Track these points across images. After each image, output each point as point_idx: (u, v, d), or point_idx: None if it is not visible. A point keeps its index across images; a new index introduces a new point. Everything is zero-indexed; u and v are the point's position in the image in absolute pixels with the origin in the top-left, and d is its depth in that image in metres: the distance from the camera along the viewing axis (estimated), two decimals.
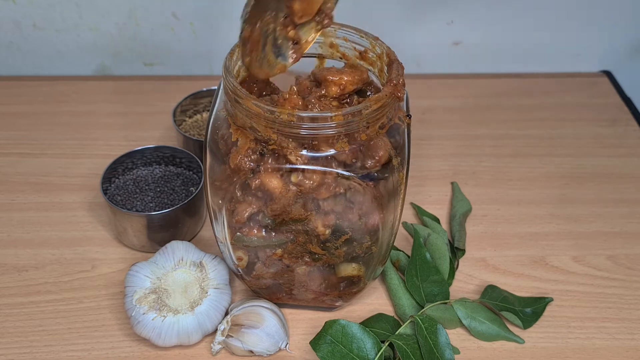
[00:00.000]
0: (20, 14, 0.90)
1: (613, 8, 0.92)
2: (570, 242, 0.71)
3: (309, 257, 0.56)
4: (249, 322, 0.58)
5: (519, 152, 0.83)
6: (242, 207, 0.53)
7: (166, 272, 0.60)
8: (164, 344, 0.58)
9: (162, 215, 0.65)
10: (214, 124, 0.54)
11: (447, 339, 0.57)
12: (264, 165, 0.50)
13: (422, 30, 0.94)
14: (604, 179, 0.79)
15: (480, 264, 0.69)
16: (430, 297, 0.62)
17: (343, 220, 0.53)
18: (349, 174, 0.50)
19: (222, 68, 0.52)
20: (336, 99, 0.53)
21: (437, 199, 0.76)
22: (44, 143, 0.83)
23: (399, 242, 0.69)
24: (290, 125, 0.48)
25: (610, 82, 0.95)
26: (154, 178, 0.72)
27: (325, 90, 0.52)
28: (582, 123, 0.88)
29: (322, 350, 0.56)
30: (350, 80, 0.53)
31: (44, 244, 0.69)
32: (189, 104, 0.81)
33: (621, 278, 0.67)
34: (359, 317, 0.63)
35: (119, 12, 0.90)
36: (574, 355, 0.60)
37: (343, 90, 0.53)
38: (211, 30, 0.92)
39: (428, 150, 0.83)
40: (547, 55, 0.97)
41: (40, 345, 0.60)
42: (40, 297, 0.64)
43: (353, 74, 0.53)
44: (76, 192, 0.75)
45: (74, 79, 0.94)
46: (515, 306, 0.62)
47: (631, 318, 0.64)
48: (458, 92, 0.93)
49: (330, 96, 0.52)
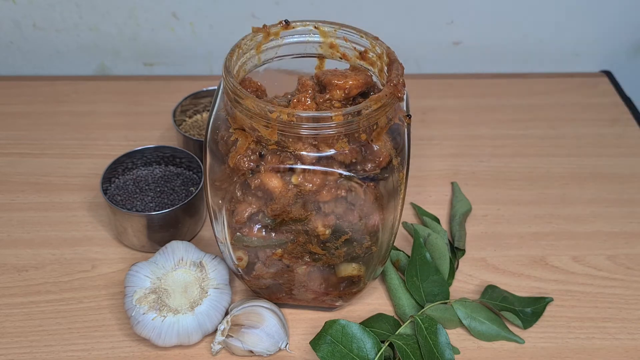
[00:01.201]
0: (20, 14, 0.90)
1: (613, 8, 0.92)
2: (570, 242, 0.71)
3: (309, 257, 0.56)
4: (249, 322, 0.58)
5: (519, 152, 0.83)
6: (242, 207, 0.53)
7: (166, 272, 0.60)
8: (164, 344, 0.58)
9: (162, 215, 0.65)
10: (214, 124, 0.54)
11: (447, 339, 0.57)
12: (264, 164, 0.50)
13: (422, 30, 0.94)
14: (604, 179, 0.79)
15: (480, 264, 0.69)
16: (430, 297, 0.62)
17: (343, 220, 0.53)
18: (349, 174, 0.50)
19: (222, 68, 0.52)
20: (340, 102, 0.53)
21: (437, 199, 0.76)
22: (44, 143, 0.83)
23: (399, 242, 0.69)
24: (290, 125, 0.48)
25: (610, 82, 0.95)
26: (154, 178, 0.72)
27: (330, 94, 0.52)
28: (582, 123, 0.88)
29: (322, 350, 0.56)
30: (355, 84, 0.52)
31: (44, 244, 0.69)
32: (189, 104, 0.81)
33: (621, 278, 0.67)
34: (359, 317, 0.63)
35: (119, 12, 0.90)
36: (574, 355, 0.60)
37: (348, 95, 0.52)
38: (211, 30, 0.92)
39: (428, 150, 0.83)
40: (547, 55, 0.97)
41: (40, 345, 0.60)
42: (40, 297, 0.64)
43: (358, 78, 0.53)
44: (76, 192, 0.75)
45: (74, 79, 0.94)
46: (515, 306, 0.62)
47: (631, 318, 0.64)
48: (458, 92, 0.93)
49: (335, 99, 0.52)
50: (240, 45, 0.55)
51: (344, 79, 0.52)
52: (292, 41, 0.57)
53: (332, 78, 0.52)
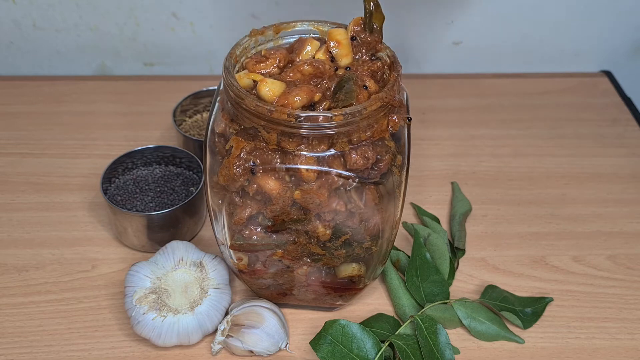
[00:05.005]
0: (20, 14, 0.90)
1: (613, 8, 0.92)
2: (570, 242, 0.71)
3: (309, 258, 0.56)
4: (249, 322, 0.58)
5: (519, 152, 0.83)
6: (242, 209, 0.53)
7: (166, 272, 0.60)
8: (164, 344, 0.58)
9: (162, 215, 0.65)
10: (213, 124, 0.54)
11: (447, 339, 0.57)
12: (260, 169, 0.50)
13: (422, 30, 0.94)
14: (604, 179, 0.79)
15: (480, 264, 0.69)
16: (430, 297, 0.62)
17: (343, 220, 0.53)
18: (349, 174, 0.50)
19: (222, 68, 0.52)
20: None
21: (437, 199, 0.76)
22: (44, 143, 0.83)
23: (399, 242, 0.69)
24: (291, 125, 0.48)
25: (610, 82, 0.95)
26: (154, 178, 0.72)
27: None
28: (582, 123, 0.88)
29: (322, 350, 0.56)
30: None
31: (44, 244, 0.69)
32: (189, 104, 0.81)
33: (621, 278, 0.67)
34: (359, 317, 0.63)
35: (119, 12, 0.90)
36: (574, 355, 0.60)
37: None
38: (211, 30, 0.92)
39: (428, 150, 0.83)
40: (547, 55, 0.97)
41: (40, 345, 0.60)
42: (40, 297, 0.64)
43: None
44: (76, 192, 0.75)
45: (74, 79, 0.94)
46: (515, 306, 0.62)
47: (631, 318, 0.64)
48: (458, 92, 0.93)
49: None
50: (240, 45, 0.55)
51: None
52: (292, 41, 0.57)
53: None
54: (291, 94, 0.49)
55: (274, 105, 0.49)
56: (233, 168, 0.50)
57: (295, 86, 0.50)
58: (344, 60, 0.53)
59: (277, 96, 0.50)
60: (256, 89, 0.50)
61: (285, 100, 0.49)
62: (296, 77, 0.51)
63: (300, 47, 0.54)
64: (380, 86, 0.53)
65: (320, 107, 0.50)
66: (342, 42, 0.53)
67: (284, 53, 0.54)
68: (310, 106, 0.50)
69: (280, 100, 0.49)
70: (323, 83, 0.52)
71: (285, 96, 0.49)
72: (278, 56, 0.53)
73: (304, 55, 0.54)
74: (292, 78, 0.51)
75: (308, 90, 0.50)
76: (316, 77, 0.51)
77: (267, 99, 0.49)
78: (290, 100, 0.49)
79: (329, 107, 0.50)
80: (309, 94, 0.49)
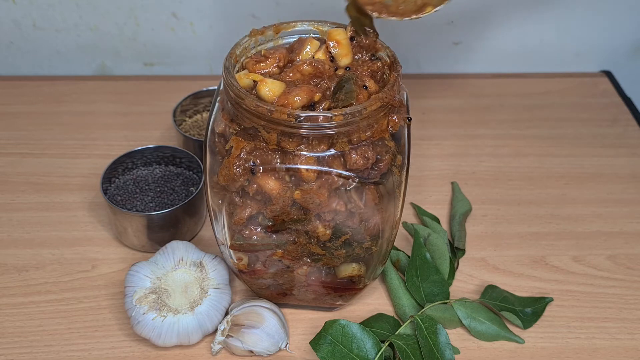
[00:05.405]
0: (20, 14, 0.90)
1: (613, 8, 0.92)
2: (570, 242, 0.71)
3: (309, 258, 0.56)
4: (249, 322, 0.58)
5: (519, 152, 0.83)
6: (242, 209, 0.53)
7: (166, 272, 0.60)
8: (164, 344, 0.58)
9: (162, 215, 0.65)
10: (213, 124, 0.54)
11: (447, 339, 0.57)
12: (262, 167, 0.50)
13: (422, 30, 0.94)
14: (604, 179, 0.79)
15: (480, 264, 0.69)
16: (430, 297, 0.62)
17: (343, 220, 0.53)
18: (349, 174, 0.50)
19: (222, 68, 0.52)
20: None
21: (437, 199, 0.76)
22: (44, 143, 0.83)
23: (399, 242, 0.69)
24: (291, 125, 0.48)
25: (610, 82, 0.95)
26: (154, 178, 0.72)
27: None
28: (582, 123, 0.88)
29: (322, 350, 0.56)
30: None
31: (44, 244, 0.69)
32: (189, 104, 0.81)
33: (621, 278, 0.67)
34: (359, 317, 0.63)
35: (119, 12, 0.90)
36: (574, 355, 0.60)
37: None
38: (211, 30, 0.92)
39: (428, 150, 0.83)
40: (547, 55, 0.97)
41: (40, 345, 0.60)
42: (40, 297, 0.64)
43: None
44: (76, 192, 0.75)
45: (74, 79, 0.94)
46: (515, 306, 0.62)
47: (631, 318, 0.64)
48: (458, 92, 0.93)
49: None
50: (240, 45, 0.55)
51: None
52: (292, 41, 0.57)
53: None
54: (291, 94, 0.49)
55: (274, 105, 0.49)
56: (233, 168, 0.50)
57: (295, 86, 0.50)
58: (344, 60, 0.53)
59: (277, 96, 0.50)
60: (256, 89, 0.50)
61: (285, 100, 0.49)
62: (296, 77, 0.51)
63: (300, 47, 0.54)
64: (380, 86, 0.53)
65: (320, 107, 0.50)
66: (341, 42, 0.53)
67: (284, 53, 0.54)
68: (310, 106, 0.50)
69: (280, 100, 0.49)
70: (323, 83, 0.52)
71: (285, 96, 0.49)
72: (278, 56, 0.53)
73: (304, 55, 0.54)
74: (292, 78, 0.51)
75: (308, 90, 0.50)
76: (316, 77, 0.52)
77: (267, 99, 0.49)
78: (290, 100, 0.49)
79: (329, 107, 0.50)
80: (309, 94, 0.50)
